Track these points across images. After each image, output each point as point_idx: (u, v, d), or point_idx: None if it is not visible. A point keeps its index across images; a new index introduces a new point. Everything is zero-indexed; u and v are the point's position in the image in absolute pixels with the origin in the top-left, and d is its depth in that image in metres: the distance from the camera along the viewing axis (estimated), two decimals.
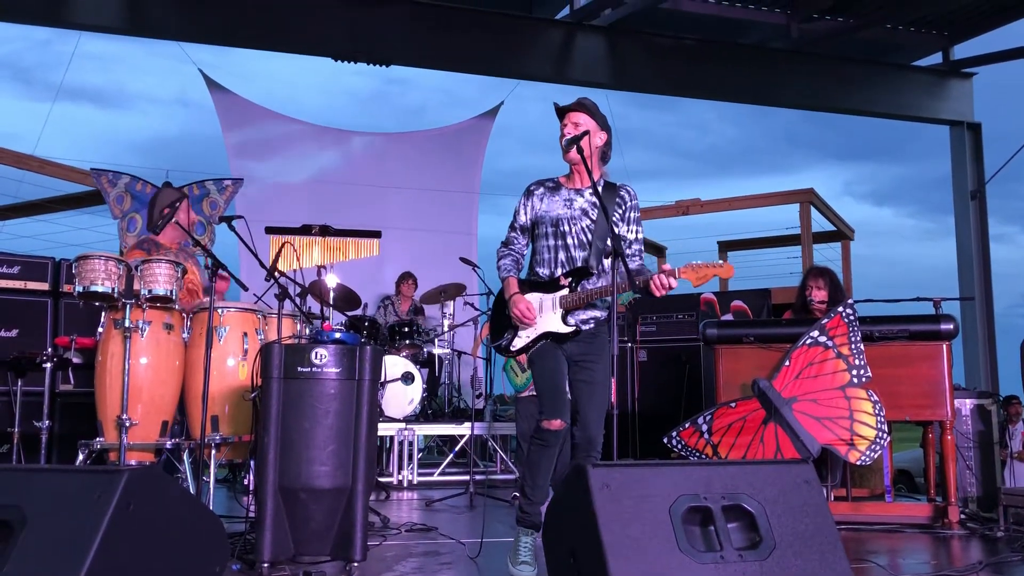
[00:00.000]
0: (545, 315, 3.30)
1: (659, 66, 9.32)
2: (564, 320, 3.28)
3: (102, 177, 8.24)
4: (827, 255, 9.37)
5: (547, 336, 3.29)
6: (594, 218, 3.29)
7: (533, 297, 3.32)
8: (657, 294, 3.10)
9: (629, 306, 6.02)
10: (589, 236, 3.29)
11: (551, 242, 3.32)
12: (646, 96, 10.25)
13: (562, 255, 3.31)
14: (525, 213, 3.40)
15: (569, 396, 3.30)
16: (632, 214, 3.35)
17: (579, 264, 3.29)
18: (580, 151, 3.19)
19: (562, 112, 3.37)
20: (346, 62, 8.46)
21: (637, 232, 3.37)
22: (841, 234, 9.54)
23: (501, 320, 3.41)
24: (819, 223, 9.11)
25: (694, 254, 10.29)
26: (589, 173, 3.24)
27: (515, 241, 3.44)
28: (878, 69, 9.88)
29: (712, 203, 9.46)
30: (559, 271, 3.31)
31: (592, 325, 3.33)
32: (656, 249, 10.61)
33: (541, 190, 3.39)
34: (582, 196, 3.33)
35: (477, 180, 10.41)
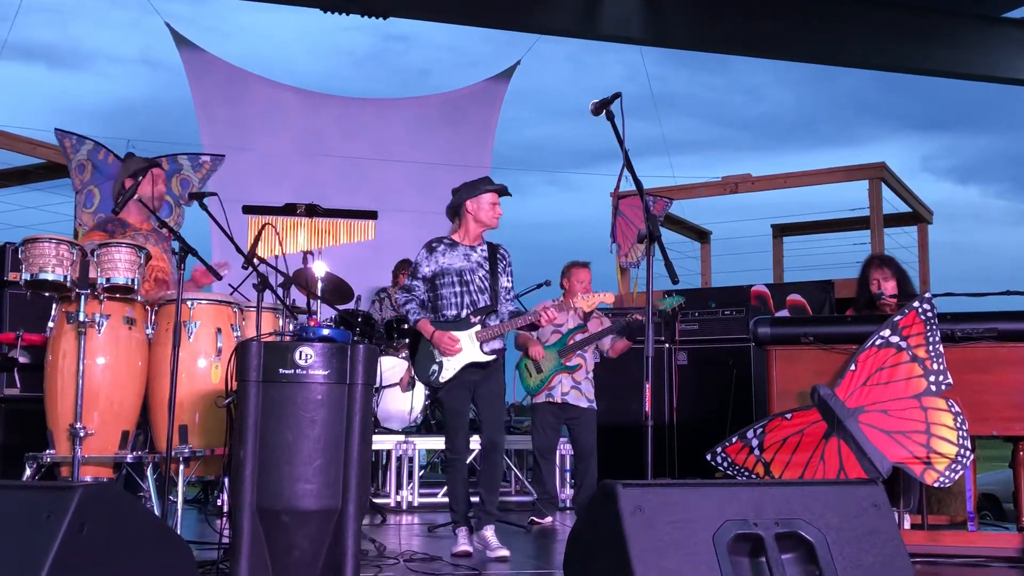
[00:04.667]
0: (466, 347, 4.47)
1: (704, 18, 9.26)
2: (482, 350, 4.47)
3: (65, 140, 8.24)
4: (901, 241, 9.30)
5: (471, 365, 4.45)
6: (487, 268, 4.62)
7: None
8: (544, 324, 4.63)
9: (672, 312, 6.02)
10: (487, 283, 4.60)
11: (457, 289, 4.55)
12: (688, 54, 10.24)
13: (467, 299, 4.55)
14: (428, 266, 4.59)
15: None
16: (509, 268, 4.72)
17: (482, 305, 4.54)
18: (611, 116, 3.58)
19: (496, 192, 4.59)
20: (337, 14, 8.45)
21: (512, 283, 4.75)
22: (918, 216, 9.47)
23: (422, 356, 4.53)
24: (892, 204, 9.04)
25: (745, 239, 10.24)
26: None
27: (416, 289, 4.59)
28: (963, 21, 9.76)
29: (765, 180, 9.40)
30: (465, 312, 4.52)
31: (495, 356, 4.55)
32: (699, 234, 10.57)
33: (442, 247, 4.62)
34: (475, 252, 4.63)
35: (489, 153, 10.40)
